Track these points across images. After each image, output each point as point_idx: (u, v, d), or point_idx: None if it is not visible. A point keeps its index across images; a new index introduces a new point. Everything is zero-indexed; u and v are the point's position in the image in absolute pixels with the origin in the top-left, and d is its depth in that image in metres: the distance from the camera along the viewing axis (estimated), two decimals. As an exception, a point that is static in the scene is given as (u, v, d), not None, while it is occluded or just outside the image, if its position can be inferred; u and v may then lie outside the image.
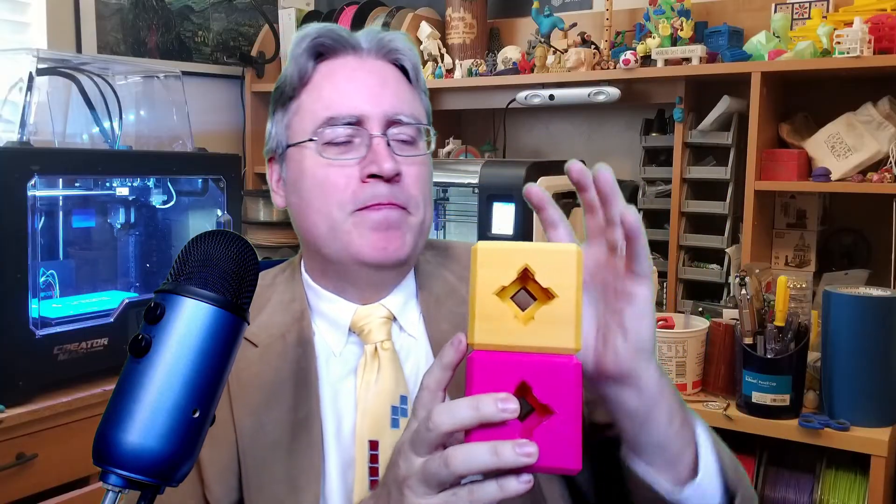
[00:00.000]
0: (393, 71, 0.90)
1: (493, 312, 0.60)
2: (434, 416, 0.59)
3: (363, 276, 0.88)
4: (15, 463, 1.75)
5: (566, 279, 0.61)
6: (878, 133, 1.99)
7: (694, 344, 1.91)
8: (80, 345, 1.90)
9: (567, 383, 0.60)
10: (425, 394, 0.63)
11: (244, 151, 2.95)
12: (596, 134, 2.65)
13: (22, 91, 1.90)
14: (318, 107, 0.86)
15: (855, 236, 2.22)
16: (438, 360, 0.63)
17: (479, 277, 0.61)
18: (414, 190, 0.86)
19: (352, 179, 0.84)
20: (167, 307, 0.60)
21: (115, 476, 0.57)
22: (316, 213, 0.86)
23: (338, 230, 0.85)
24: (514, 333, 0.60)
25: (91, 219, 2.18)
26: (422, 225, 0.88)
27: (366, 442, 0.83)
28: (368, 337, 0.87)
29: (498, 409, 0.57)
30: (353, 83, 0.87)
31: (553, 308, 0.60)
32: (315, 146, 0.85)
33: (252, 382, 0.85)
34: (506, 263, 0.61)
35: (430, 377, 0.63)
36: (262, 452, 0.82)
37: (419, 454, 0.61)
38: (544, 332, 0.60)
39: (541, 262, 0.61)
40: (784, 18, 2.12)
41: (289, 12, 2.88)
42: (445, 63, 2.59)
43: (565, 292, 0.61)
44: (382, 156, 0.83)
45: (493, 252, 0.61)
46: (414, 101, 0.90)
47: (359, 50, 0.89)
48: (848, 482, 1.79)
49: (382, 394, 0.84)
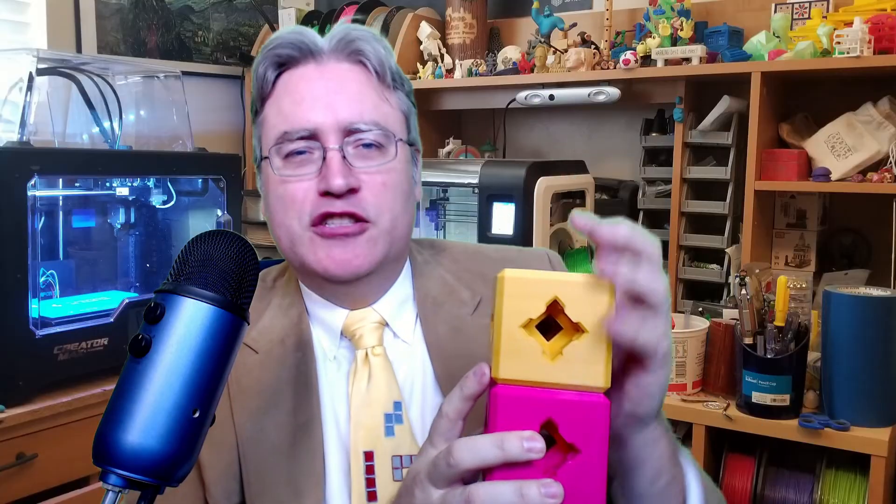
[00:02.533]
0: (356, 72, 0.86)
1: (520, 346, 0.58)
2: (455, 452, 0.57)
3: (332, 288, 0.87)
4: (15, 463, 1.75)
5: (597, 314, 0.58)
6: (878, 133, 1.99)
7: (694, 344, 1.91)
8: (80, 345, 1.90)
9: (595, 423, 0.57)
10: (444, 422, 0.61)
11: (244, 151, 2.95)
12: (596, 134, 2.65)
13: (22, 91, 1.90)
14: (277, 121, 0.85)
15: (855, 236, 2.22)
16: (459, 390, 0.60)
17: (506, 308, 0.58)
18: (376, 199, 0.83)
19: (309, 193, 0.82)
20: (167, 307, 0.59)
21: (115, 476, 0.57)
22: (278, 227, 0.85)
23: (296, 244, 0.84)
24: (540, 369, 0.57)
25: (91, 219, 2.18)
26: (391, 232, 0.85)
27: (360, 453, 0.82)
28: (360, 342, 0.86)
29: (524, 450, 0.55)
30: (309, 94, 0.84)
31: (582, 343, 0.58)
32: (274, 161, 0.84)
33: (252, 387, 0.84)
34: (534, 294, 0.58)
35: (451, 406, 0.60)
36: (263, 457, 0.82)
37: (437, 487, 0.59)
38: (573, 368, 0.58)
39: (572, 295, 0.58)
40: (784, 18, 2.12)
41: (289, 12, 2.88)
42: (445, 63, 2.59)
43: (596, 327, 0.58)
44: (333, 171, 0.81)
45: (522, 282, 0.58)
46: (379, 103, 0.86)
47: (319, 56, 0.86)
48: (848, 482, 1.79)
49: (375, 403, 0.83)
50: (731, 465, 1.93)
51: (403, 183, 0.87)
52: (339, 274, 0.83)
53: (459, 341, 0.87)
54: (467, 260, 0.96)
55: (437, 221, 2.32)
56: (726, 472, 1.93)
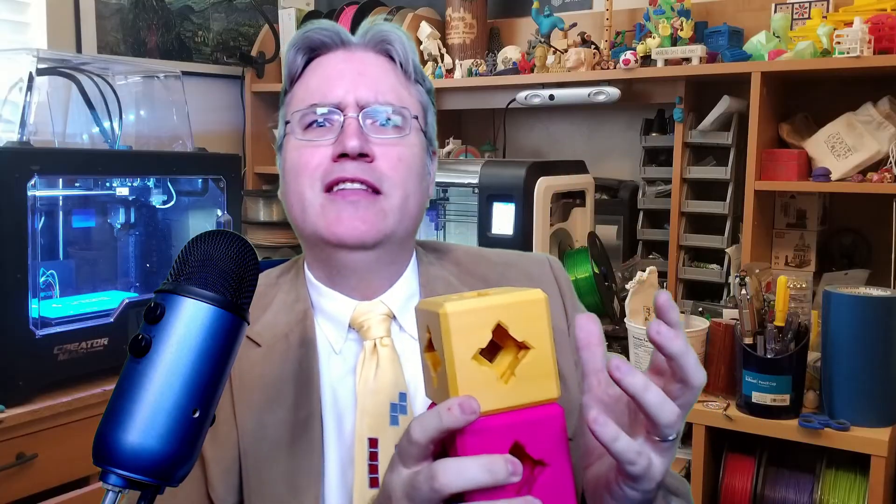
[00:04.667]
0: (381, 61, 0.91)
1: (475, 378, 0.58)
2: (441, 475, 0.57)
3: (342, 260, 0.87)
4: (15, 463, 1.75)
5: (538, 328, 0.59)
6: (878, 133, 1.99)
7: (694, 344, 1.91)
8: (80, 345, 1.90)
9: (557, 433, 0.59)
10: (414, 448, 0.59)
11: (244, 151, 2.95)
12: (596, 134, 2.65)
13: (22, 91, 1.90)
14: (304, 95, 0.89)
15: (855, 236, 2.22)
16: (438, 420, 0.58)
17: (455, 345, 0.58)
18: (389, 170, 0.85)
19: (324, 159, 0.85)
20: (167, 307, 0.59)
21: (115, 476, 0.57)
22: (292, 195, 0.87)
23: (308, 210, 0.85)
24: (498, 396, 0.58)
25: (91, 219, 2.18)
26: (402, 207, 0.86)
27: (365, 440, 0.83)
28: (368, 333, 0.87)
29: (509, 473, 0.56)
30: (336, 74, 0.88)
31: (530, 360, 0.59)
32: (295, 129, 0.88)
33: (255, 382, 0.85)
34: (478, 324, 0.59)
35: (424, 434, 0.59)
36: (262, 452, 0.82)
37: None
38: (527, 387, 0.59)
39: (513, 316, 0.59)
40: (784, 18, 2.12)
41: (289, 12, 2.88)
42: (445, 63, 2.59)
43: (539, 342, 0.59)
44: (348, 134, 0.84)
45: (464, 315, 0.58)
46: (400, 89, 0.90)
47: (349, 44, 0.91)
48: (848, 482, 1.79)
49: (381, 391, 0.84)
50: (731, 465, 1.93)
51: (417, 164, 0.89)
52: (347, 239, 0.84)
53: None
54: (469, 263, 0.97)
55: (437, 221, 2.32)
56: (726, 472, 1.93)
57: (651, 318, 1.96)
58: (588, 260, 2.06)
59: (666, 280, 2.30)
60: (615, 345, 2.12)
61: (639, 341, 1.95)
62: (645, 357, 1.94)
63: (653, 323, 0.60)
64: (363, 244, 0.85)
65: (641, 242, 2.44)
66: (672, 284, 2.30)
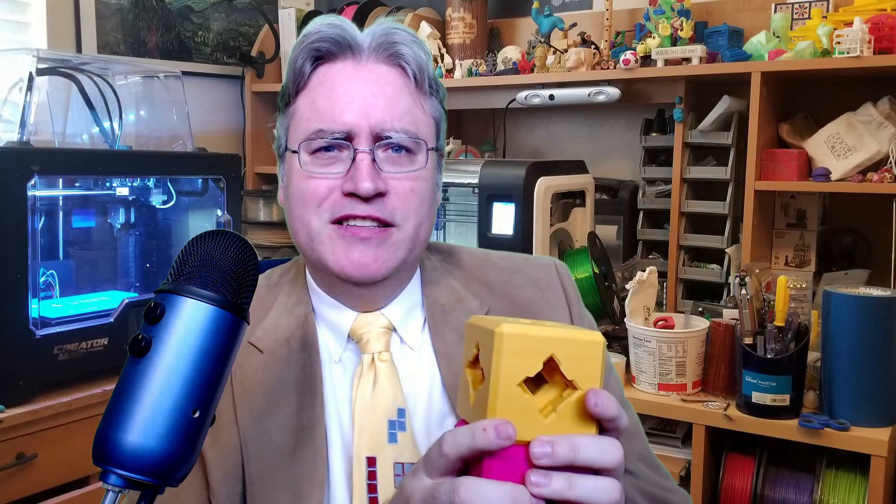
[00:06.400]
0: (394, 75, 0.86)
1: (516, 405, 0.58)
2: (463, 492, 0.57)
3: (347, 288, 0.86)
4: (15, 463, 1.75)
5: (590, 371, 0.58)
6: (878, 133, 1.99)
7: (694, 344, 1.91)
8: (80, 345, 1.90)
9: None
10: (443, 461, 0.60)
11: (244, 151, 2.95)
12: (596, 134, 2.65)
13: (22, 91, 1.90)
14: (311, 116, 0.84)
15: (855, 236, 2.23)
16: (471, 438, 0.58)
17: (504, 366, 0.57)
18: (402, 204, 0.83)
19: (333, 191, 0.82)
20: (167, 307, 0.59)
21: (115, 476, 0.57)
22: (297, 221, 0.85)
23: (315, 240, 0.83)
24: (534, 428, 0.58)
25: (91, 219, 2.18)
26: (413, 238, 0.85)
27: (363, 459, 0.81)
28: (366, 347, 0.86)
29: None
30: (345, 93, 0.83)
31: (575, 401, 0.58)
32: (302, 156, 0.84)
33: (256, 388, 0.84)
34: (532, 352, 0.58)
35: (455, 449, 0.59)
36: (265, 458, 0.81)
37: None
38: (565, 426, 0.58)
39: (567, 353, 0.58)
40: (784, 18, 2.12)
41: (289, 12, 2.88)
42: (445, 63, 2.59)
43: (588, 384, 0.58)
44: (363, 175, 0.80)
45: (519, 339, 0.58)
46: (414, 109, 0.86)
47: (358, 53, 0.86)
48: (848, 482, 1.79)
49: (378, 409, 0.83)
50: (731, 465, 1.93)
51: (429, 190, 0.87)
52: (356, 276, 0.82)
53: None
54: (474, 267, 0.96)
55: (437, 221, 2.32)
56: (726, 471, 1.93)
57: (651, 318, 1.96)
58: (588, 260, 2.06)
59: (666, 280, 2.30)
60: (615, 345, 2.12)
61: (638, 341, 1.95)
62: (645, 357, 1.94)
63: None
64: (373, 280, 0.84)
65: (641, 242, 2.44)
66: (672, 284, 2.30)
